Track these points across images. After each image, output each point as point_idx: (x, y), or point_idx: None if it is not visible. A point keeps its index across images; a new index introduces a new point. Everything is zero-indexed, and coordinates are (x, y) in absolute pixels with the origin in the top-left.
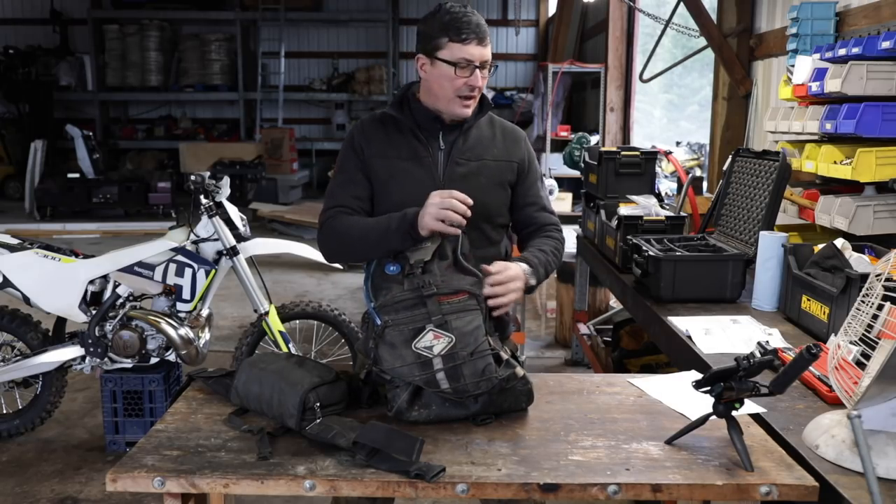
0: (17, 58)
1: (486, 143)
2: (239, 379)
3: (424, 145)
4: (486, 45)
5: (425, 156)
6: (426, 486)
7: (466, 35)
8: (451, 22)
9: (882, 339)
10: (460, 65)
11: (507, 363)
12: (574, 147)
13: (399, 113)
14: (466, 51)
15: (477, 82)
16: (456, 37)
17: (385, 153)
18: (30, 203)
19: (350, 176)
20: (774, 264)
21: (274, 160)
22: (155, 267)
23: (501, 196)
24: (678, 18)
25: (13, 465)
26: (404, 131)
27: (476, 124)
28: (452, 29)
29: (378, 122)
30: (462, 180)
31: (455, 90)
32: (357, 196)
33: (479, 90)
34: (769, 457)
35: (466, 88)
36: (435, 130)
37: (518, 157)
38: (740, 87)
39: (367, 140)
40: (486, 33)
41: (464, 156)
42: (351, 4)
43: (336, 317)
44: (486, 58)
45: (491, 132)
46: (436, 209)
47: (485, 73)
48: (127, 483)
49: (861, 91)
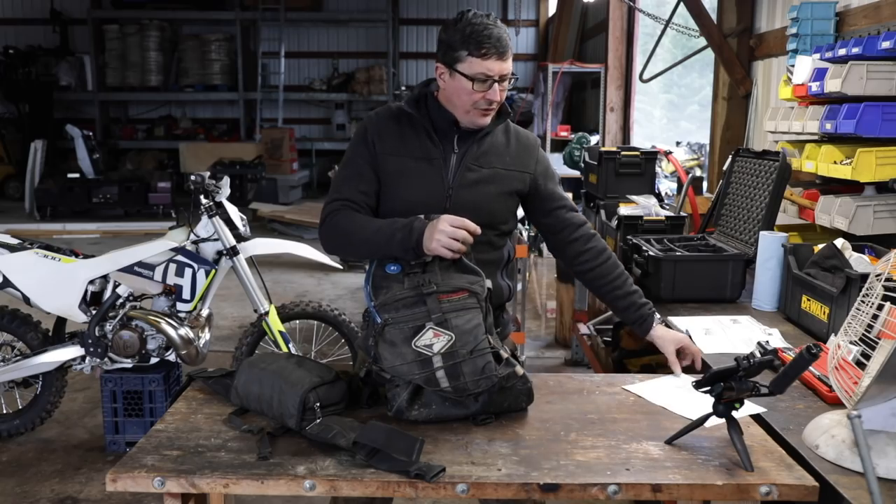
0: (17, 58)
1: (500, 150)
2: (239, 379)
3: (438, 147)
4: (506, 60)
5: (437, 158)
6: (426, 486)
7: (487, 50)
8: (472, 35)
9: (882, 339)
10: (478, 79)
11: (507, 362)
12: (574, 147)
13: (415, 111)
14: (486, 66)
15: (495, 97)
16: (476, 51)
17: (397, 150)
18: (30, 203)
19: (358, 170)
20: (774, 264)
21: (274, 160)
22: (155, 267)
23: (509, 204)
24: (678, 18)
25: (13, 465)
26: (418, 130)
27: (492, 131)
28: (473, 43)
29: (393, 118)
30: (472, 186)
31: (473, 103)
32: (363, 191)
33: (497, 103)
34: (769, 457)
35: (484, 102)
36: (451, 133)
37: (530, 168)
38: (740, 87)
39: (380, 135)
40: (507, 47)
41: (476, 162)
42: (351, 4)
43: (336, 317)
44: (507, 72)
45: (505, 140)
46: (445, 238)
47: (504, 86)
48: (127, 483)
49: (861, 91)
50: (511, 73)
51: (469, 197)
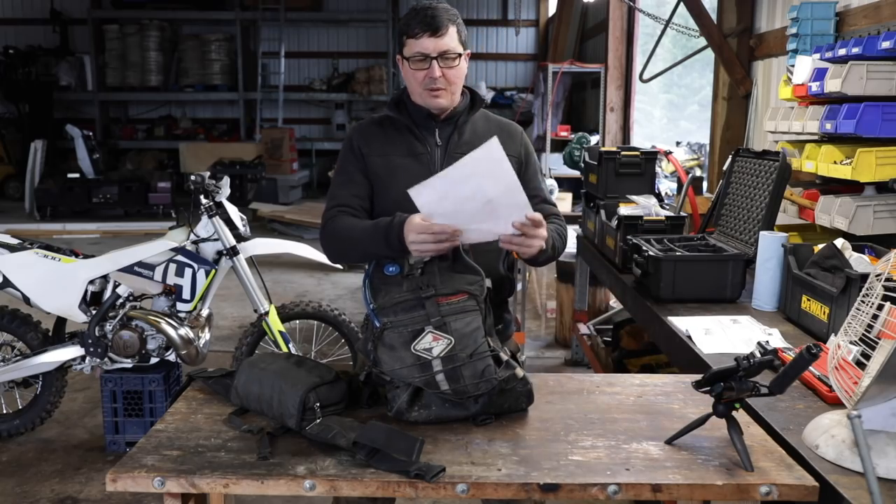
0: (17, 58)
1: (482, 137)
2: (239, 379)
3: (421, 142)
4: (441, 36)
5: (423, 152)
6: (426, 486)
7: (417, 29)
8: (406, 19)
9: (882, 339)
10: (416, 58)
11: (507, 364)
12: (574, 147)
13: (396, 113)
14: (420, 45)
15: (433, 73)
16: (410, 33)
17: (383, 151)
18: (30, 203)
19: (350, 176)
20: (774, 264)
21: (274, 160)
22: (155, 267)
23: None
24: (678, 18)
25: (13, 465)
26: (401, 130)
27: (470, 120)
28: (406, 26)
29: (376, 124)
30: None
31: (419, 84)
32: (357, 195)
33: (443, 80)
34: (769, 457)
35: (429, 81)
36: (430, 127)
37: (514, 152)
38: (740, 87)
39: (366, 140)
40: (441, 24)
41: (460, 150)
42: (351, 4)
43: (336, 317)
44: (444, 48)
45: (486, 127)
46: (416, 246)
47: (449, 64)
48: (127, 483)
49: (861, 91)
50: (451, 50)
51: None
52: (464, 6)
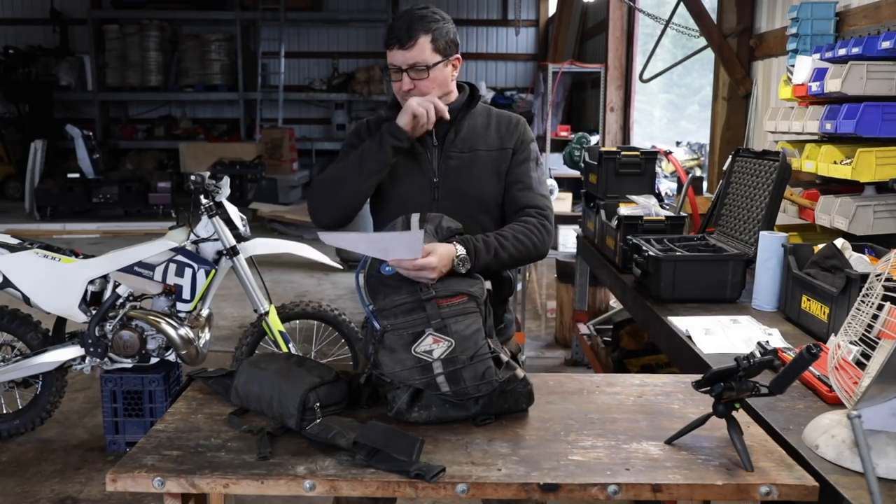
0: (17, 58)
1: (480, 133)
2: (239, 379)
3: (419, 141)
4: (409, 48)
5: (420, 151)
6: (426, 486)
7: (390, 42)
8: (387, 28)
9: (882, 339)
10: (392, 69)
11: (508, 365)
12: (574, 147)
13: (394, 113)
14: (392, 56)
15: (403, 86)
16: (386, 43)
17: None
18: (30, 203)
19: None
20: (774, 264)
21: (274, 160)
22: (155, 267)
23: (498, 186)
24: (678, 18)
25: (13, 465)
26: None
27: (469, 115)
28: (385, 36)
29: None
30: (456, 172)
31: (399, 94)
32: None
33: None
34: (769, 457)
35: (403, 93)
36: None
37: (509, 144)
38: (740, 87)
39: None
40: (410, 36)
41: (455, 148)
42: (351, 4)
43: (336, 317)
44: (413, 61)
45: (486, 121)
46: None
47: (420, 75)
48: (127, 483)
49: (861, 91)
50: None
51: (455, 184)
52: (464, 6)
